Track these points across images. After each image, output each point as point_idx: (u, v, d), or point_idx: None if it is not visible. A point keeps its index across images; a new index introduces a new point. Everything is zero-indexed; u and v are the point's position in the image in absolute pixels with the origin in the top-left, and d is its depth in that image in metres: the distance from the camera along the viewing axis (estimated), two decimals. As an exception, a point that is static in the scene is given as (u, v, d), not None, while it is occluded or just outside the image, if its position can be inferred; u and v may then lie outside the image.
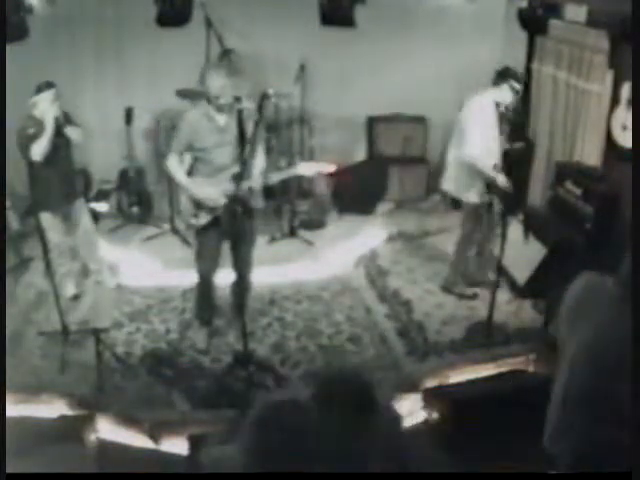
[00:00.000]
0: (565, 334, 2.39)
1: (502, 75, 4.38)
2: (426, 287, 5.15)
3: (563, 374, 2.36)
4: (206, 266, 4.10)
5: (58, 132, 4.21)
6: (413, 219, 6.31)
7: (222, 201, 3.82)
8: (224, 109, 3.77)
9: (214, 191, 3.81)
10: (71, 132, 4.32)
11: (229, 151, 3.84)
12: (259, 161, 3.93)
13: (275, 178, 4.11)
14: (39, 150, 4.12)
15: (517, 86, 4.36)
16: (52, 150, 4.21)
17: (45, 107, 4.16)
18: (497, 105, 4.38)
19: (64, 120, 4.25)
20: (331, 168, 3.86)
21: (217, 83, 3.70)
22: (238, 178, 3.70)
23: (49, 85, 4.21)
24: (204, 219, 3.90)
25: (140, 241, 5.70)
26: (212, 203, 3.84)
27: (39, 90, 4.20)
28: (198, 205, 3.88)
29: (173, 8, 5.25)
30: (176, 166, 3.92)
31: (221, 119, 3.82)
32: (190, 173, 3.94)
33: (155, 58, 5.84)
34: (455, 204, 6.40)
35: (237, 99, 3.70)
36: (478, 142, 4.32)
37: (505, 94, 4.38)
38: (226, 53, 5.49)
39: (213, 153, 3.84)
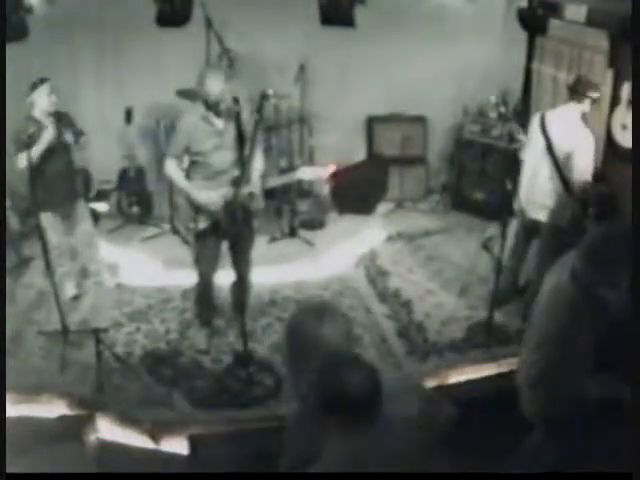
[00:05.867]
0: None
1: (578, 86, 4.15)
2: (426, 287, 5.15)
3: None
4: (206, 268, 4.10)
5: (58, 128, 4.20)
6: (413, 219, 6.31)
7: (221, 205, 3.81)
8: (222, 113, 3.77)
9: (214, 195, 3.79)
10: (69, 138, 4.30)
11: (228, 154, 3.83)
12: (258, 163, 3.92)
13: (275, 182, 4.10)
14: (34, 154, 4.02)
15: (595, 95, 4.15)
16: (52, 148, 4.20)
17: (42, 104, 4.16)
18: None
19: (66, 122, 4.25)
20: (331, 169, 3.86)
21: (216, 89, 3.68)
22: (237, 182, 3.70)
23: (42, 81, 4.20)
24: (203, 223, 3.90)
25: (140, 241, 5.70)
26: (212, 207, 3.83)
27: (34, 87, 4.19)
28: (197, 209, 3.87)
29: (173, 8, 5.27)
30: (175, 170, 3.91)
31: (219, 123, 3.81)
32: (187, 176, 3.93)
33: (155, 58, 5.83)
34: (456, 204, 6.44)
35: (235, 101, 3.70)
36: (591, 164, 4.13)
37: (586, 106, 4.16)
38: (224, 53, 5.49)
39: (211, 157, 3.82)
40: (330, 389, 1.78)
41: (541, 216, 4.32)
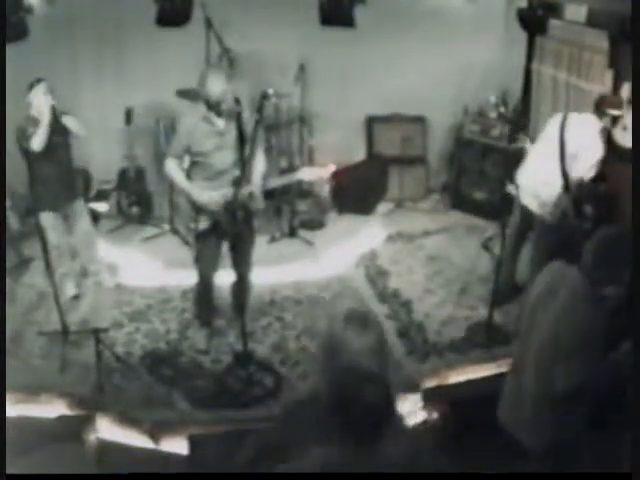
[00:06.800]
0: (527, 325, 2.58)
1: (601, 105, 4.19)
2: (426, 287, 5.15)
3: (528, 368, 2.53)
4: (206, 268, 4.10)
5: (56, 126, 4.20)
6: (413, 219, 6.31)
7: (222, 205, 3.81)
8: (224, 113, 3.77)
9: (215, 195, 3.79)
10: (69, 122, 4.31)
11: (229, 154, 3.83)
12: (259, 164, 3.93)
13: (276, 183, 4.10)
14: (38, 139, 4.11)
15: (616, 113, 4.17)
16: (51, 147, 4.21)
17: (39, 101, 4.17)
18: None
19: (61, 111, 4.25)
20: (331, 169, 3.87)
21: (218, 89, 3.69)
22: (238, 182, 3.70)
23: (39, 80, 4.22)
24: (204, 223, 3.89)
25: (140, 241, 5.70)
26: (213, 208, 3.83)
27: (31, 87, 4.21)
28: (198, 209, 3.87)
29: (173, 8, 5.26)
30: (175, 170, 3.90)
31: (220, 123, 3.81)
32: (188, 176, 3.93)
33: (155, 58, 5.83)
34: (456, 204, 6.45)
35: (237, 101, 3.70)
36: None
37: (606, 122, 4.18)
38: (225, 53, 5.48)
39: (213, 157, 3.82)
40: (337, 402, 1.77)
41: (532, 205, 4.33)
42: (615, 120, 4.19)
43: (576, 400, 2.45)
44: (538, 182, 4.30)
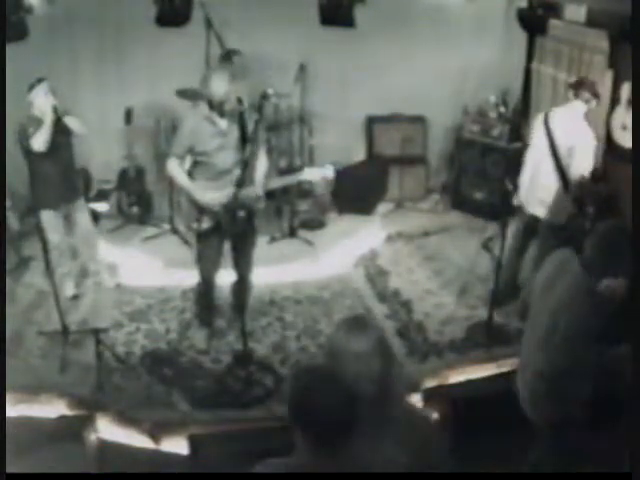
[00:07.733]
0: (537, 309, 2.62)
1: (583, 86, 4.17)
2: (426, 287, 5.15)
3: (531, 346, 2.58)
4: (207, 268, 4.10)
5: (58, 126, 4.20)
6: (413, 219, 6.31)
7: (224, 205, 3.81)
8: (226, 113, 3.77)
9: (218, 196, 3.79)
10: (71, 122, 4.31)
11: (231, 154, 3.83)
12: (262, 164, 3.93)
13: (278, 183, 4.09)
14: (41, 139, 4.11)
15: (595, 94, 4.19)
16: (54, 147, 4.21)
17: (41, 101, 4.17)
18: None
19: (63, 112, 4.25)
20: (331, 171, 3.88)
21: (221, 89, 3.68)
22: (240, 182, 3.70)
23: (40, 80, 4.21)
24: (207, 223, 3.89)
25: (140, 241, 5.70)
26: (215, 208, 3.83)
27: (31, 87, 4.21)
28: (201, 209, 3.87)
29: (173, 8, 5.27)
30: (178, 170, 3.89)
31: (223, 123, 3.80)
32: (190, 176, 3.93)
33: (155, 58, 5.83)
34: (456, 204, 6.45)
35: (239, 101, 3.70)
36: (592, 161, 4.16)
37: (592, 105, 4.18)
38: (229, 55, 5.48)
39: (215, 156, 3.82)
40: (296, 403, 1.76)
41: (540, 212, 4.33)
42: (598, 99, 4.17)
43: (572, 380, 2.50)
44: (539, 187, 4.28)
